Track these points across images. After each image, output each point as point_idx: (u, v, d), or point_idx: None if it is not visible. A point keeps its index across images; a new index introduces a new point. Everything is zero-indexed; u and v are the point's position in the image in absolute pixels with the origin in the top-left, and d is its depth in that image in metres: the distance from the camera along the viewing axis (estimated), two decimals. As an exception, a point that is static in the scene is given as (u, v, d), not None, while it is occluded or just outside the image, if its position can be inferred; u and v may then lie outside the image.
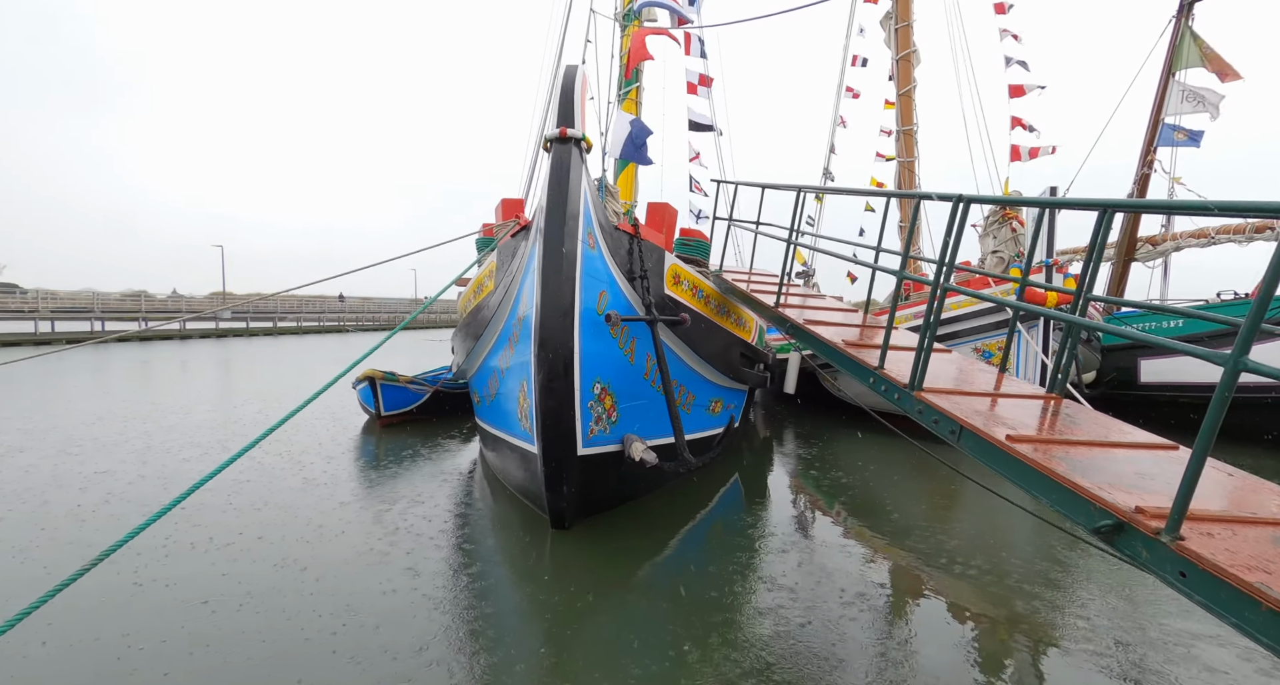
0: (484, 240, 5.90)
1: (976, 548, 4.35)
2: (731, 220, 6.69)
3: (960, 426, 2.53)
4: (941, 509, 5.45)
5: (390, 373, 8.55)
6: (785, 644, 2.94)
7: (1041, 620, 3.21)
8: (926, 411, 2.76)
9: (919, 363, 2.90)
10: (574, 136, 4.11)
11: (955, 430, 2.57)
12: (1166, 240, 10.87)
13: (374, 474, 6.10)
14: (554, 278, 3.93)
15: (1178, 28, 10.26)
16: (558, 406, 4.05)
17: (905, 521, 4.95)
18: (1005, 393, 3.25)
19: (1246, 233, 10.22)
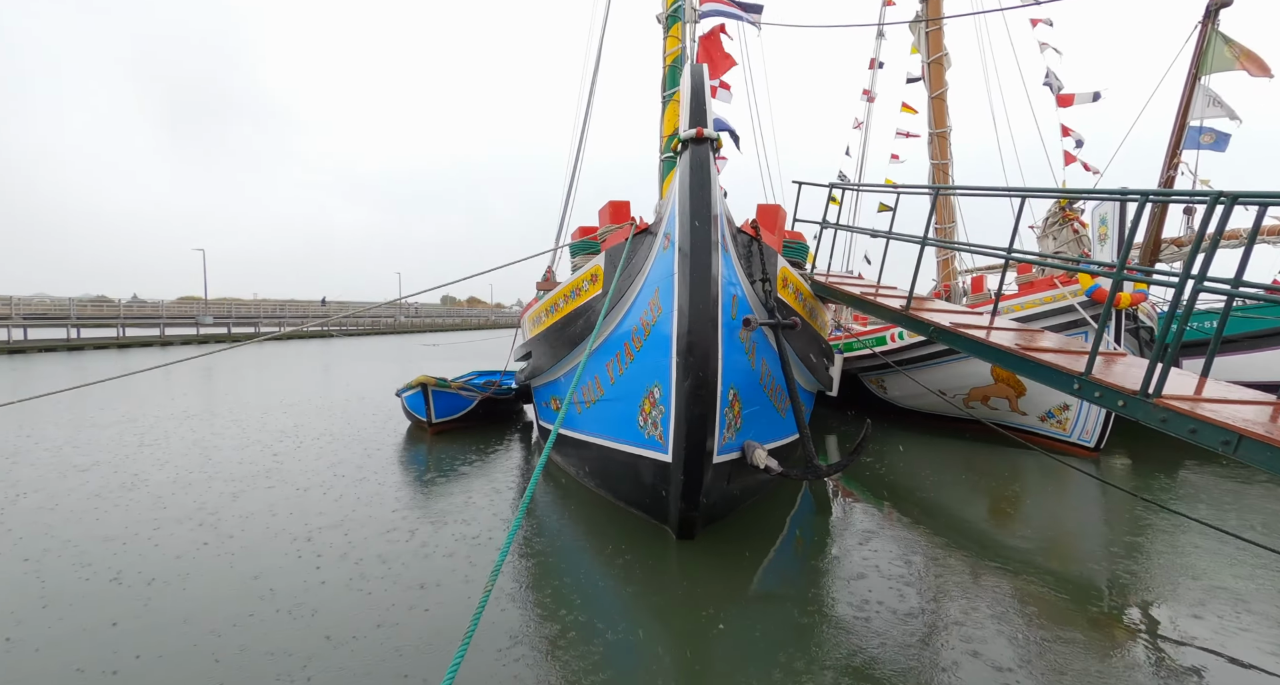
0: (583, 244, 5.76)
1: (1075, 543, 4.35)
2: (839, 225, 6.64)
3: (1239, 435, 2.46)
4: (1005, 505, 5.47)
5: (442, 379, 8.35)
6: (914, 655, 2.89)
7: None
8: (1175, 420, 2.71)
9: (1154, 367, 2.86)
10: (710, 136, 4.03)
11: (1230, 441, 2.50)
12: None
13: (444, 490, 5.86)
14: (702, 283, 3.84)
15: (1204, 32, 10.51)
16: (704, 414, 3.95)
17: (989, 525, 4.96)
18: (1222, 397, 3.06)
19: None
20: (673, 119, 9.43)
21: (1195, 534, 4.56)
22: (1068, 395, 7.30)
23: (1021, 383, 7.70)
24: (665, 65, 9.67)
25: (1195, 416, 2.63)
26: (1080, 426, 7.20)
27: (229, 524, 4.77)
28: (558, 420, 3.32)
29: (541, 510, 5.30)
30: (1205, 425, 2.58)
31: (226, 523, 4.80)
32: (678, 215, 4.04)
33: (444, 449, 7.69)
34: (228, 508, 5.18)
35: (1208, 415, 2.60)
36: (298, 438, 8.21)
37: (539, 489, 6.00)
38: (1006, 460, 7.11)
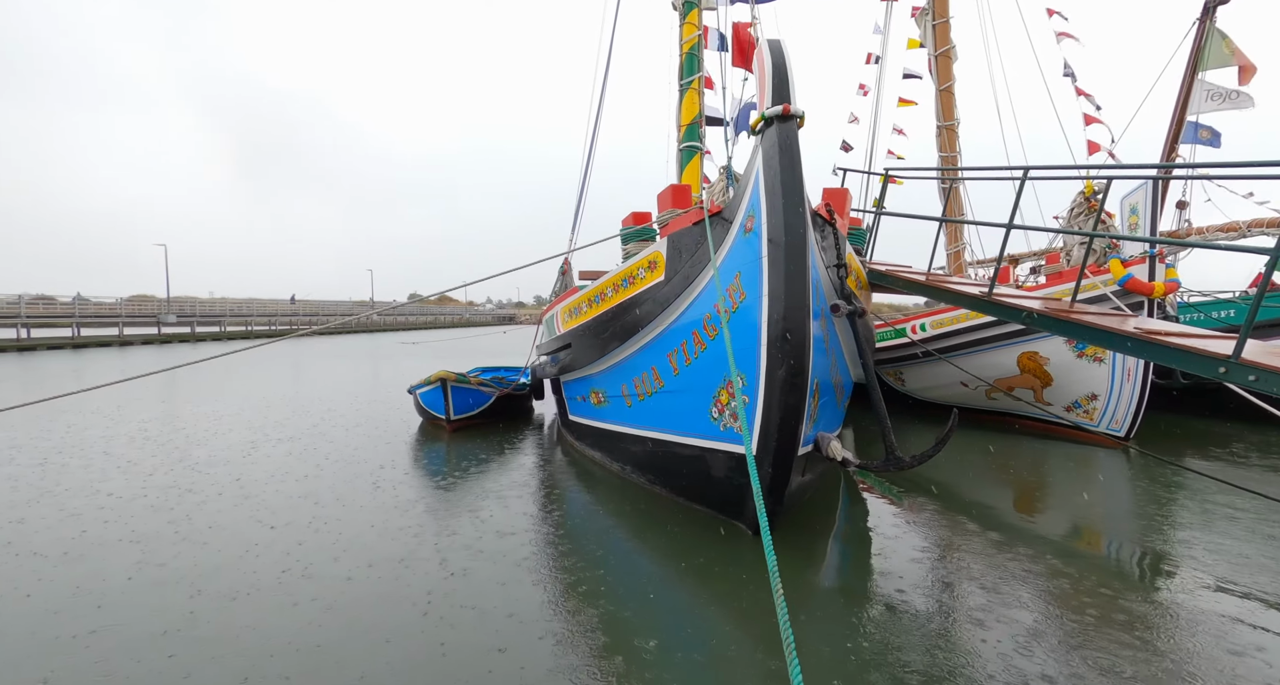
0: (636, 231, 5.51)
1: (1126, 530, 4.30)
2: (893, 213, 6.48)
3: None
4: (1048, 496, 5.44)
5: (462, 374, 7.99)
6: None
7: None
8: (1266, 379, 2.59)
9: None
10: (797, 113, 3.83)
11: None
12: (1190, 235, 11.42)
13: (478, 491, 5.56)
14: (797, 269, 3.64)
15: (1202, 29, 10.78)
16: (798, 404, 3.76)
17: (1040, 518, 4.91)
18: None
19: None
20: (690, 107, 9.24)
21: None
22: (1096, 385, 7.49)
23: (1048, 373, 7.74)
24: (682, 52, 9.46)
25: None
26: (1109, 416, 7.25)
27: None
28: (599, 415, 3.08)
29: (584, 509, 5.06)
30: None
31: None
32: (764, 197, 3.83)
33: (467, 448, 7.35)
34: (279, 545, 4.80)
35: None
36: (304, 446, 7.77)
37: (575, 485, 5.77)
38: (1036, 451, 7.12)
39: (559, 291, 10.17)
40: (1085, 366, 7.39)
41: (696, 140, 9.10)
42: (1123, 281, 6.77)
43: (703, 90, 9.47)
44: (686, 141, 9.12)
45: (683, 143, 9.14)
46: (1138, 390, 7.00)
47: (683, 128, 9.21)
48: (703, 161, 9.27)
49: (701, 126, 9.19)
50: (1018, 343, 7.83)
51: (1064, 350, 7.53)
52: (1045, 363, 7.69)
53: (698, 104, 9.25)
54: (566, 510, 5.10)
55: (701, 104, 9.33)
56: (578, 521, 4.84)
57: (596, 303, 5.69)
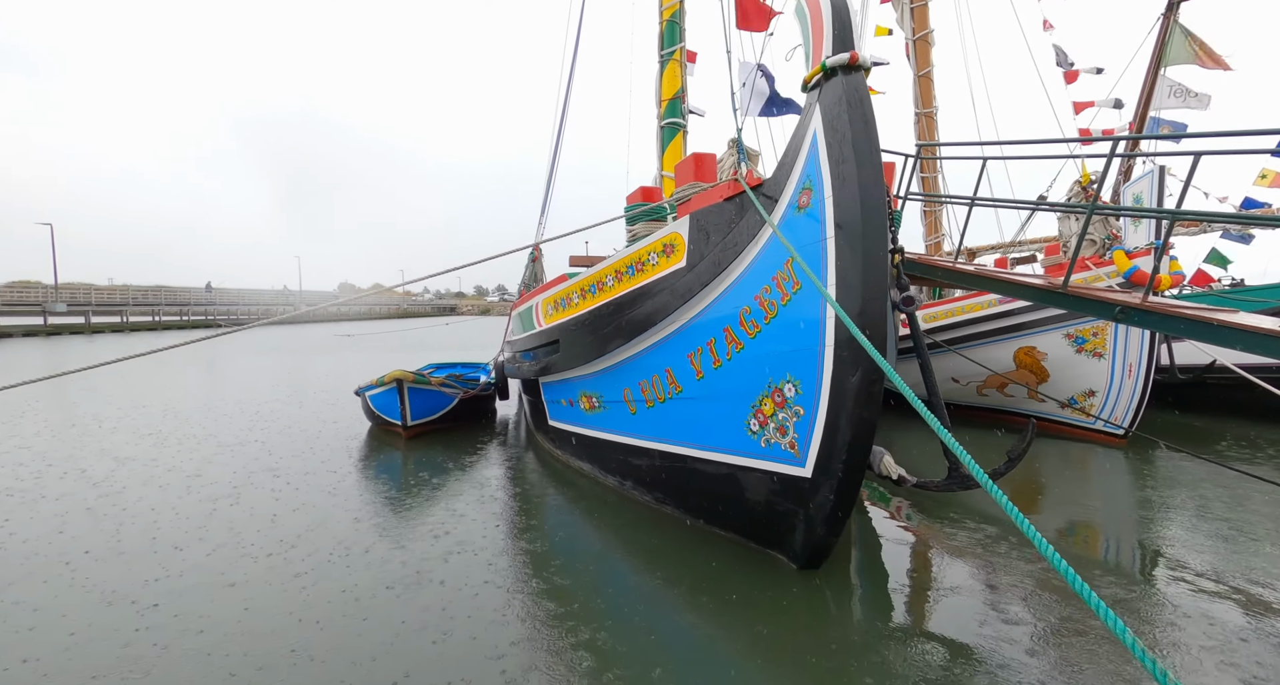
0: (646, 209, 4.69)
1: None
2: (925, 195, 5.87)
3: None
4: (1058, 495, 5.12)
5: (420, 374, 6.97)
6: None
7: None
8: None
9: None
10: (865, 64, 3.15)
11: None
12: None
13: (442, 507, 4.78)
14: (877, 252, 2.96)
15: (1165, 25, 10.92)
16: (873, 418, 3.10)
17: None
18: None
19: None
20: (672, 80, 8.47)
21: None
22: (1095, 381, 7.29)
23: (1045, 368, 7.51)
24: (662, 21, 8.65)
25: None
26: (1109, 412, 7.07)
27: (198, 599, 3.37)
28: (590, 421, 2.36)
29: (571, 529, 4.27)
30: None
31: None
32: (828, 165, 3.14)
33: (427, 457, 6.40)
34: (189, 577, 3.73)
35: None
36: (231, 453, 6.56)
37: (557, 499, 4.99)
38: (1033, 448, 6.84)
39: (529, 282, 9.24)
40: (1084, 362, 7.18)
41: (679, 116, 8.35)
42: (1129, 274, 6.53)
43: (685, 62, 8.71)
44: (668, 118, 8.35)
45: (665, 119, 8.36)
46: (1139, 386, 6.83)
47: (664, 103, 8.43)
48: (686, 139, 8.54)
49: (684, 101, 8.44)
50: (1015, 337, 7.57)
51: (1063, 345, 7.31)
52: (1043, 358, 7.45)
53: (680, 77, 8.48)
54: (549, 529, 4.38)
55: (684, 77, 8.57)
56: (564, 543, 4.11)
57: (592, 293, 4.86)
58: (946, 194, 5.60)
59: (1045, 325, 7.34)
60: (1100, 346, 7.05)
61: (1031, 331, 7.43)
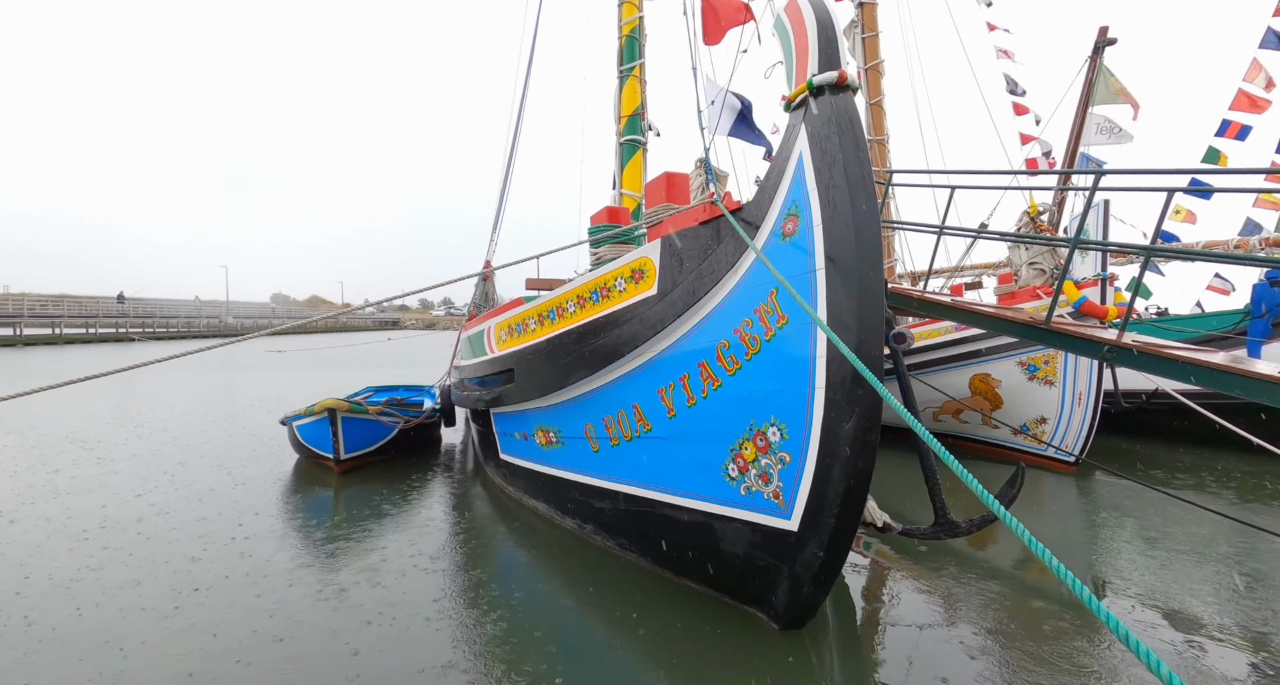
0: (613, 231, 4.34)
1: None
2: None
3: None
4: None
5: (356, 402, 6.34)
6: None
7: None
8: None
9: None
10: (853, 84, 2.95)
11: None
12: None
13: (378, 552, 4.29)
14: (872, 284, 2.73)
15: (1092, 66, 11.59)
16: (868, 468, 2.83)
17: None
18: None
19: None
20: (631, 97, 8.24)
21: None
22: (1046, 408, 7.41)
23: (999, 395, 7.59)
24: (621, 36, 8.44)
25: None
26: (1059, 439, 7.18)
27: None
28: (546, 458, 2.05)
29: (523, 577, 3.84)
30: None
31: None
32: (816, 191, 2.90)
33: (361, 494, 5.78)
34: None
35: None
36: (123, 499, 5.74)
37: (508, 543, 4.55)
38: (987, 475, 6.84)
39: (480, 302, 8.72)
40: (1036, 389, 7.29)
41: (639, 133, 8.12)
42: (1078, 304, 6.68)
43: (644, 79, 8.51)
44: (628, 134, 8.10)
45: (624, 136, 8.12)
46: (1089, 414, 6.97)
47: (623, 119, 8.19)
48: (645, 157, 8.30)
49: (644, 118, 8.23)
50: (971, 364, 7.63)
51: (1016, 372, 7.41)
52: (997, 385, 7.53)
53: (639, 93, 8.27)
54: (499, 578, 3.99)
55: (644, 93, 8.36)
56: (515, 594, 3.72)
57: (551, 319, 4.47)
58: (910, 222, 5.55)
59: (999, 353, 7.43)
60: (1051, 374, 7.17)
61: (986, 359, 7.51)
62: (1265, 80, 10.71)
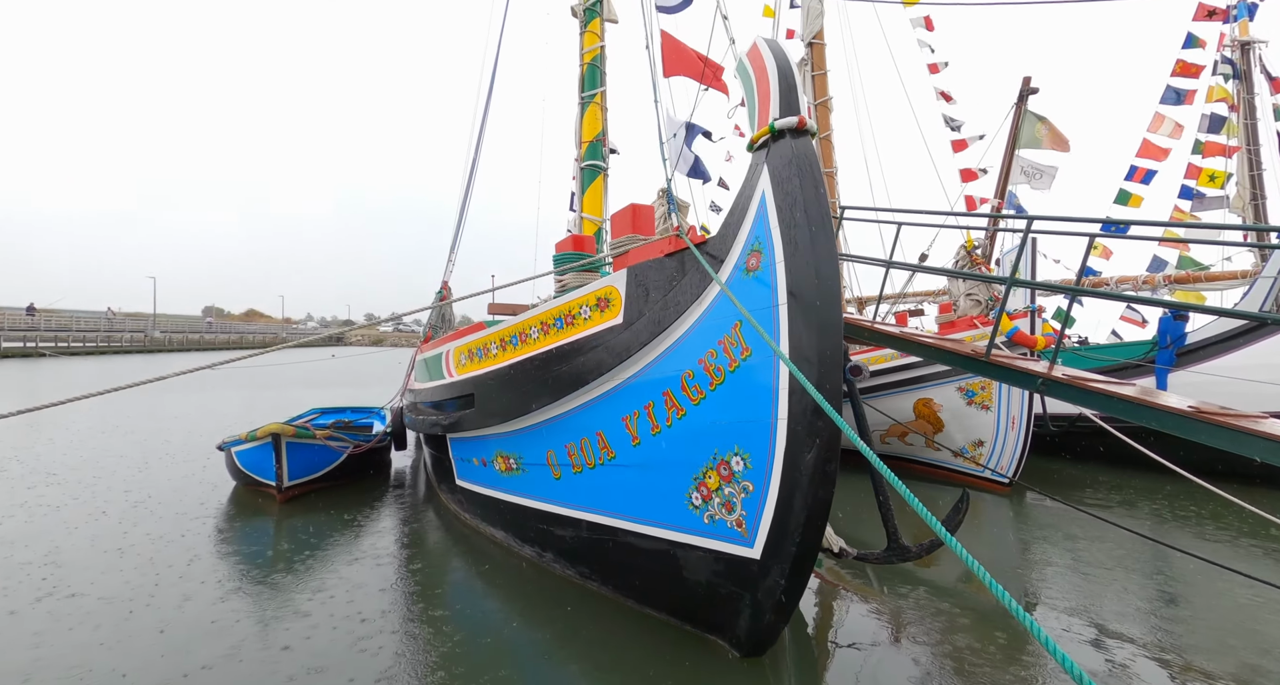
0: (581, 260, 4.37)
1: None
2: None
3: None
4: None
5: (303, 427, 6.09)
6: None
7: None
8: None
9: None
10: (812, 128, 3.13)
11: None
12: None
13: (323, 585, 4.11)
14: (831, 319, 2.86)
15: (1018, 112, 12.54)
16: (828, 498, 2.94)
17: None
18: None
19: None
20: (593, 123, 8.38)
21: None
22: (983, 432, 7.82)
23: (941, 419, 7.97)
24: (583, 63, 8.61)
25: None
26: (995, 461, 7.58)
27: None
28: (506, 485, 2.10)
29: (480, 611, 3.76)
30: None
31: None
32: (779, 229, 3.04)
33: (305, 523, 5.53)
34: None
35: None
36: (32, 537, 5.30)
37: (463, 574, 4.46)
38: (931, 496, 7.13)
39: (436, 323, 8.55)
40: (974, 414, 7.70)
41: (600, 159, 8.24)
42: (1011, 333, 7.13)
43: (606, 105, 8.67)
44: (589, 160, 8.22)
45: (585, 161, 8.23)
46: (1021, 437, 7.40)
47: (584, 145, 8.31)
48: (607, 183, 8.43)
49: (605, 144, 8.37)
50: (915, 389, 7.99)
51: (956, 397, 7.80)
52: (939, 409, 7.91)
53: (600, 120, 8.41)
54: (453, 609, 3.89)
55: (605, 120, 8.51)
56: (469, 626, 3.63)
57: (514, 345, 4.45)
58: (861, 256, 5.86)
59: (941, 378, 7.81)
60: (987, 399, 7.59)
61: (929, 384, 7.89)
62: (1170, 128, 11.81)
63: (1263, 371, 7.91)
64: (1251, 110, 11.00)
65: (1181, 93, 11.54)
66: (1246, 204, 10.96)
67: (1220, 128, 11.24)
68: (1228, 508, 6.05)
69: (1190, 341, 8.89)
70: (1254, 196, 10.85)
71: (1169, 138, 11.52)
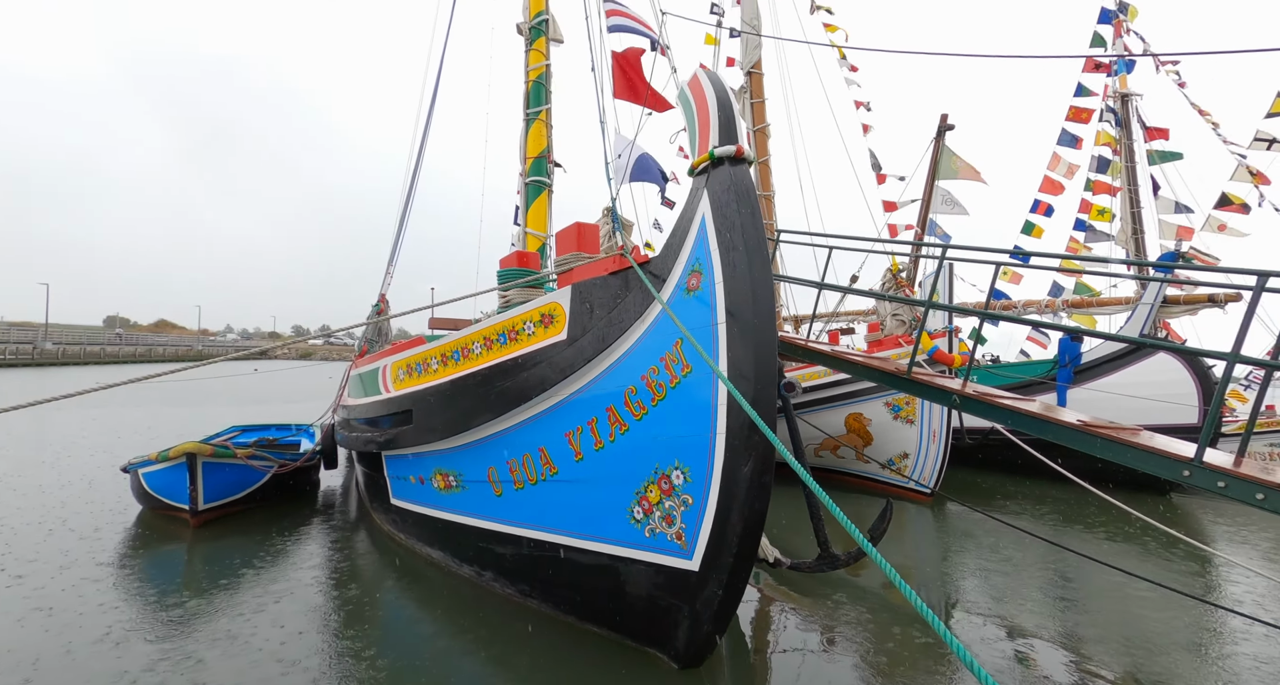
0: (525, 276, 4.37)
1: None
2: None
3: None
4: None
5: (222, 446, 5.74)
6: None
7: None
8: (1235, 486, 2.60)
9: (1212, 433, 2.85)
10: (750, 157, 3.32)
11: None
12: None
13: (241, 618, 3.91)
14: (766, 338, 3.02)
15: (936, 148, 13.53)
16: (764, 509, 3.06)
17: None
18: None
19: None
20: (537, 139, 8.43)
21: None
22: (907, 444, 8.29)
23: (870, 433, 8.39)
24: (528, 80, 8.66)
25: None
26: (918, 473, 8.04)
27: None
28: (444, 503, 2.16)
29: (416, 637, 3.67)
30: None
31: None
32: (718, 252, 3.19)
33: (222, 549, 5.19)
34: None
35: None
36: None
37: (399, 596, 4.32)
38: (859, 506, 7.47)
39: (373, 337, 8.26)
40: (900, 427, 8.15)
41: (544, 175, 8.29)
42: (932, 352, 7.63)
43: (551, 123, 8.75)
44: (533, 176, 8.24)
45: (529, 177, 8.25)
46: (942, 450, 7.90)
47: (529, 161, 8.34)
48: (550, 199, 8.47)
49: (550, 160, 8.43)
50: (847, 404, 8.39)
51: (883, 412, 8.24)
52: (868, 423, 8.33)
53: (545, 137, 8.48)
54: (386, 636, 3.74)
55: (550, 137, 8.58)
56: (403, 650, 3.52)
57: (455, 360, 4.41)
58: (795, 277, 6.18)
59: (870, 394, 8.24)
60: (911, 414, 8.07)
61: (859, 399, 8.30)
62: (1066, 168, 13.04)
63: (1144, 389, 8.81)
64: (1131, 155, 12.35)
65: (1075, 136, 12.80)
66: (1129, 238, 12.23)
67: (1106, 169, 12.53)
68: (1117, 512, 6.66)
69: (1085, 361, 9.78)
70: (1135, 231, 12.14)
71: (1064, 176, 12.73)
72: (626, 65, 6.90)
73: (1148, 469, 3.09)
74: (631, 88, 6.75)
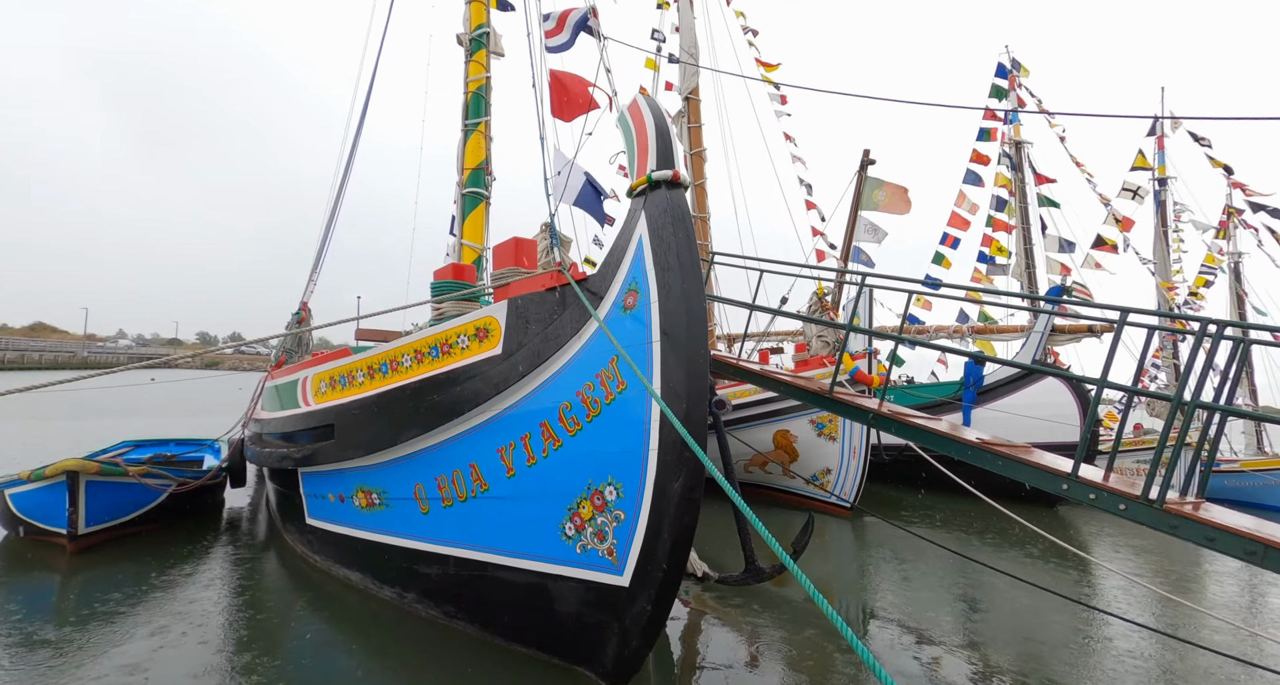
0: (460, 290, 4.27)
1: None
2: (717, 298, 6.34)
3: (1264, 546, 2.67)
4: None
5: (110, 462, 5.25)
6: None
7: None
8: (1189, 527, 2.88)
9: (1159, 467, 3.11)
10: (686, 181, 3.46)
11: (1256, 551, 2.69)
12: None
13: (124, 656, 3.58)
14: (698, 356, 3.12)
15: (860, 180, 14.41)
16: (693, 524, 3.13)
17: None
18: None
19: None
20: (475, 151, 8.35)
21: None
22: (830, 460, 8.67)
23: (796, 449, 8.72)
24: (467, 92, 8.59)
25: (1215, 525, 2.82)
26: (840, 488, 8.42)
27: None
28: (366, 522, 2.19)
29: (329, 666, 3.50)
30: (1225, 534, 2.80)
31: None
32: (654, 272, 3.28)
33: (103, 578, 4.72)
34: None
35: (1229, 525, 2.81)
36: None
37: (311, 624, 4.09)
38: (784, 521, 7.71)
39: (291, 347, 7.80)
40: (823, 444, 8.52)
41: (482, 186, 8.20)
42: (853, 372, 8.06)
43: (489, 135, 8.69)
44: (470, 187, 8.14)
45: (466, 188, 8.13)
46: (861, 466, 8.31)
47: (466, 172, 8.23)
48: (488, 211, 8.37)
49: (488, 173, 8.35)
50: (775, 421, 8.69)
51: (808, 429, 8.60)
52: (794, 440, 8.65)
53: (484, 148, 8.42)
54: (295, 667, 3.53)
55: (488, 149, 8.52)
56: (316, 683, 3.33)
57: (384, 373, 4.26)
58: (728, 298, 6.42)
59: (796, 412, 8.57)
60: (834, 431, 8.46)
61: (786, 417, 8.62)
62: (970, 205, 14.23)
63: (1036, 409, 9.65)
64: (1024, 196, 13.68)
65: (978, 176, 14.02)
66: (1023, 271, 13.48)
67: (1003, 208, 13.81)
68: (1016, 525, 7.25)
69: (986, 383, 10.60)
70: (1027, 265, 13.40)
71: (969, 212, 13.90)
72: (566, 85, 6.97)
73: (1035, 482, 3.41)
74: (570, 107, 6.83)
